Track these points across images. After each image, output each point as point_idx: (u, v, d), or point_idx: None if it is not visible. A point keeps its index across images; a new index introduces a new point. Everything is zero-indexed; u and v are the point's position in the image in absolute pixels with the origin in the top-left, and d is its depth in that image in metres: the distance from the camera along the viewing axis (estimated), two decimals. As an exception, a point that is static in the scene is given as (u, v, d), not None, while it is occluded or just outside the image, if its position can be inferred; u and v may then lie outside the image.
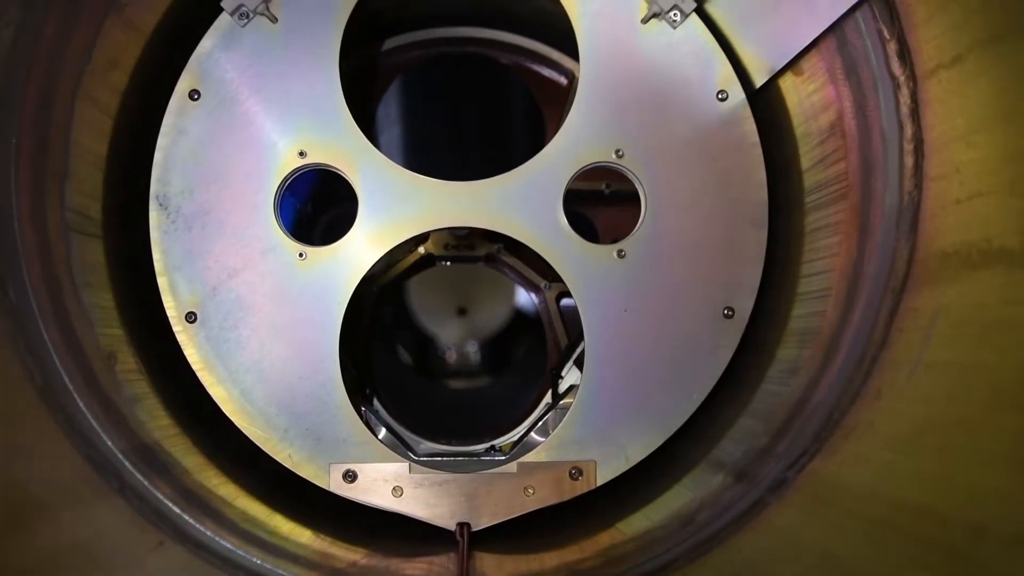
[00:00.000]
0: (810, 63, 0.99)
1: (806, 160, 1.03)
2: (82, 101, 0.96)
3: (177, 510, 0.96)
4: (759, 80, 1.00)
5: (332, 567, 1.05)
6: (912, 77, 0.87)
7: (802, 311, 1.03)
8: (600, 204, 1.11)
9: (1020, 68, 0.73)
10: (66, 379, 0.92)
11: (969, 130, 0.80)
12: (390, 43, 1.20)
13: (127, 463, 0.95)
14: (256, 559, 0.98)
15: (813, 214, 1.03)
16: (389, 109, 1.21)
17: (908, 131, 0.88)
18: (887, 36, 0.89)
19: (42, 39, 0.90)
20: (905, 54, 0.87)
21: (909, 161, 0.88)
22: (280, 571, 0.97)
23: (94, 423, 0.94)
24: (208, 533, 0.97)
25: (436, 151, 1.21)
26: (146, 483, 0.95)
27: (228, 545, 0.97)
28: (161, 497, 0.96)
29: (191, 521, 0.96)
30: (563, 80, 1.19)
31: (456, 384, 1.28)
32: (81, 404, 0.93)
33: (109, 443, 0.94)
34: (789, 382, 1.01)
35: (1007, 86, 0.75)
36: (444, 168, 1.05)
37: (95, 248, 0.95)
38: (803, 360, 1.00)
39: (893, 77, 0.88)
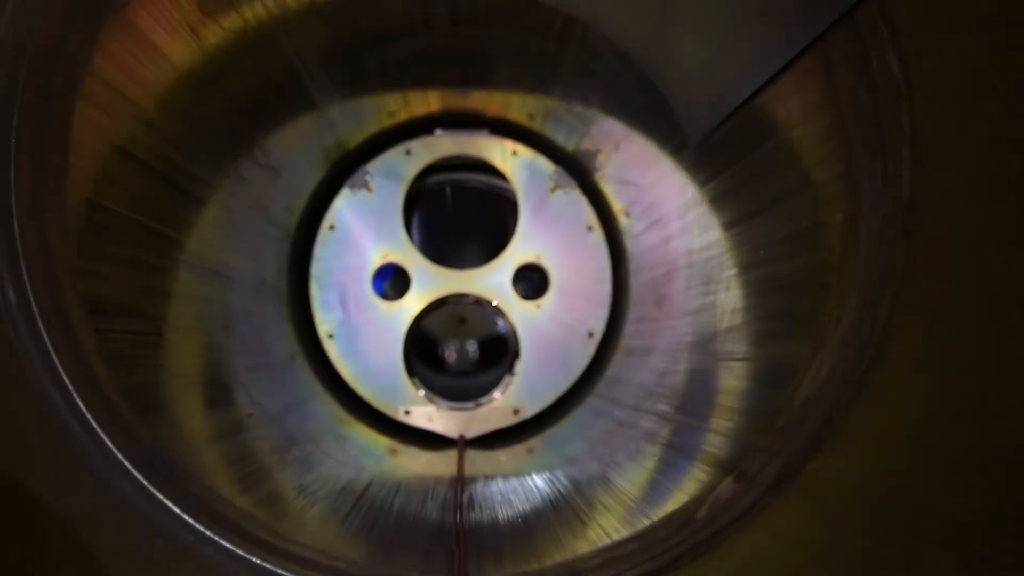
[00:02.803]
0: (810, 62, 0.94)
1: (808, 160, 1.02)
2: (82, 101, 0.95)
3: (177, 510, 0.95)
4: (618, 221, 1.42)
5: (329, 566, 1.04)
6: (912, 76, 0.83)
7: (801, 312, 1.05)
8: (538, 271, 1.56)
9: (1022, 62, 0.70)
10: (67, 381, 0.90)
11: (969, 127, 0.77)
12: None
13: (127, 463, 0.93)
14: (256, 559, 0.97)
15: (811, 214, 1.03)
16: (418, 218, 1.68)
17: (908, 130, 0.84)
18: (886, 35, 0.84)
19: (42, 39, 0.88)
20: (905, 52, 0.83)
21: (909, 160, 0.85)
22: (280, 571, 0.98)
23: (95, 424, 0.92)
24: (208, 533, 0.96)
25: (448, 245, 1.64)
26: (146, 483, 0.94)
27: (228, 545, 0.97)
28: (162, 497, 0.94)
29: (191, 522, 0.96)
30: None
31: (457, 372, 1.71)
32: (81, 405, 0.91)
33: (109, 443, 0.92)
34: (788, 381, 1.01)
35: (1009, 81, 0.72)
36: (454, 256, 1.59)
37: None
38: (802, 360, 0.99)
39: (893, 77, 0.85)
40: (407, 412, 1.51)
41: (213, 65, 1.15)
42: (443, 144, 1.50)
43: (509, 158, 1.51)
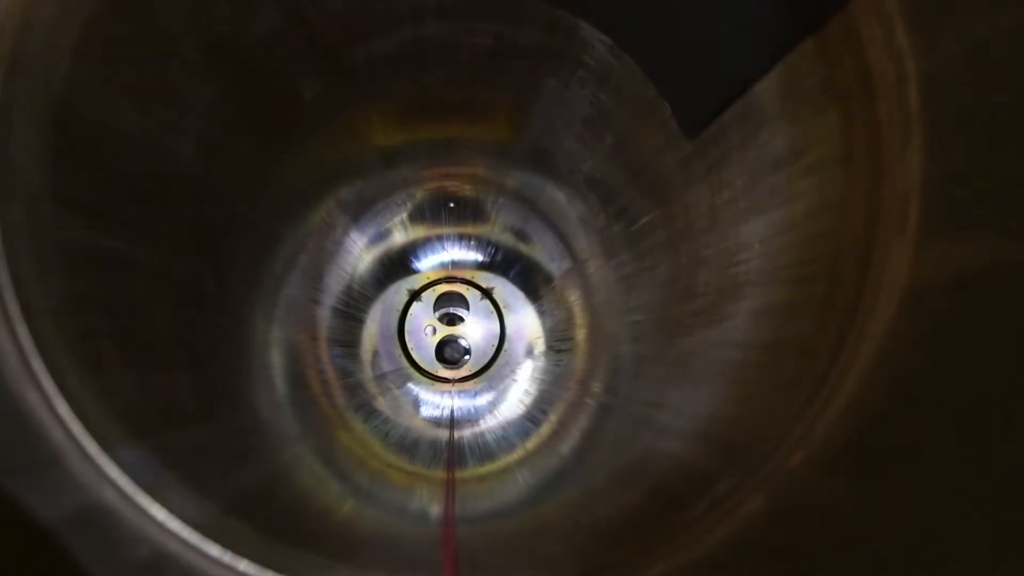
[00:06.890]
0: (809, 52, 0.94)
1: (815, 153, 0.97)
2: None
3: (161, 517, 0.99)
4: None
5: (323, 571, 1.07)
6: (913, 65, 0.82)
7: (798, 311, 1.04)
8: (477, 327, 2.47)
9: (1020, 48, 0.68)
10: (45, 385, 0.93)
11: (970, 117, 0.77)
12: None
13: (124, 465, 0.97)
14: (242, 566, 1.02)
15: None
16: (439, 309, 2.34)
17: (910, 120, 0.84)
18: (887, 26, 0.83)
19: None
20: (904, 43, 0.82)
21: (910, 150, 0.84)
22: (278, 574, 1.01)
23: (74, 430, 0.94)
24: (192, 540, 1.00)
25: (449, 318, 2.42)
26: (142, 484, 0.98)
27: (213, 551, 1.01)
28: (161, 503, 0.99)
29: (176, 528, 1.00)
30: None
31: (450, 360, 2.39)
32: (60, 409, 0.94)
33: (106, 446, 0.96)
34: (786, 380, 1.03)
35: (1010, 72, 0.71)
36: (451, 321, 2.72)
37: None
38: (800, 360, 1.02)
39: (893, 67, 0.84)
40: (437, 371, 2.50)
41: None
42: (446, 286, 2.50)
43: (467, 291, 2.48)
